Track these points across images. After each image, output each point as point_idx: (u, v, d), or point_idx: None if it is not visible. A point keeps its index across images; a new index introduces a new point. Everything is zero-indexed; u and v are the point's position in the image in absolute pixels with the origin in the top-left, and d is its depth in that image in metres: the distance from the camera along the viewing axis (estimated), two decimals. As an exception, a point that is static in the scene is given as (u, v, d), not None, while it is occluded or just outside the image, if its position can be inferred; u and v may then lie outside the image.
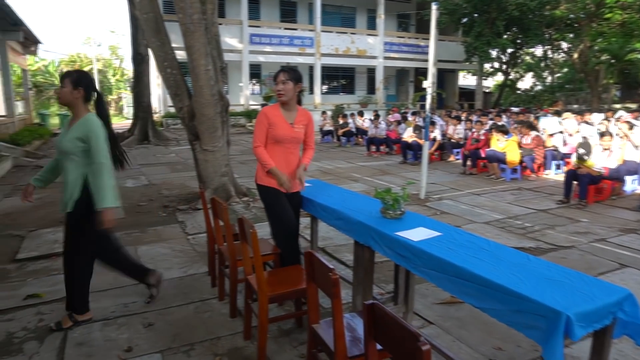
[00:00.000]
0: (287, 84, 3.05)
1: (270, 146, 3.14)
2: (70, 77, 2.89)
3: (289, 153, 3.16)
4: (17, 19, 12.64)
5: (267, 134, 3.10)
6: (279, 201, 3.13)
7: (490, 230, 5.08)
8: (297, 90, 3.11)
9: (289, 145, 3.14)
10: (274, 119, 3.09)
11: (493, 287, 1.86)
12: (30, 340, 2.84)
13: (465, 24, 22.55)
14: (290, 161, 3.17)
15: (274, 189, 3.12)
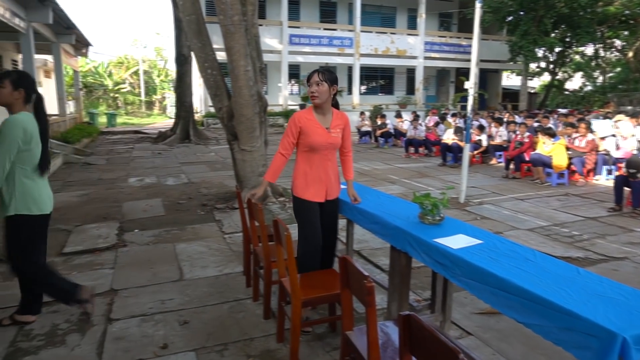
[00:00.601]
0: (321, 85, 2.87)
1: (304, 154, 2.98)
2: (10, 78, 2.77)
3: (327, 160, 2.99)
4: (70, 23, 13.28)
5: (300, 141, 2.95)
6: (309, 218, 2.98)
7: (535, 237, 4.86)
8: (332, 92, 2.93)
9: (326, 152, 2.97)
10: (308, 125, 2.92)
11: (538, 301, 1.75)
12: (72, 332, 2.94)
13: (510, 23, 21.79)
14: (328, 169, 3.00)
15: (307, 201, 2.97)
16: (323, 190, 3.01)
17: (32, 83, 2.89)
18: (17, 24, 9.76)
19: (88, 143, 14.29)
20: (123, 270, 3.97)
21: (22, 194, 2.78)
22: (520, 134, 8.80)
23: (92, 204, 6.41)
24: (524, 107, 22.77)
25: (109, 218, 5.61)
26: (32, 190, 2.82)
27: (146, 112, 33.71)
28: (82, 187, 7.61)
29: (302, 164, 3.01)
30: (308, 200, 2.98)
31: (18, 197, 2.78)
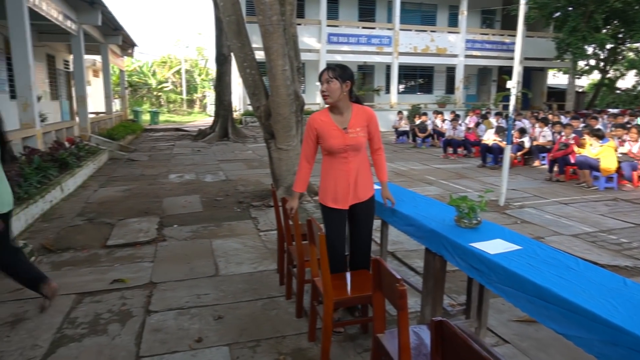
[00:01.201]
0: (332, 82, 2.68)
1: (326, 158, 2.84)
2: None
3: (347, 163, 2.79)
4: (117, 24, 13.84)
5: (319, 144, 2.82)
6: (330, 226, 2.87)
7: (579, 244, 4.65)
8: (345, 89, 2.72)
9: (345, 154, 2.77)
10: (323, 128, 2.77)
11: (580, 312, 1.67)
12: (114, 322, 3.07)
13: (558, 19, 20.90)
14: (350, 172, 2.79)
15: (329, 208, 2.87)
16: (346, 196, 2.83)
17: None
18: (68, 26, 10.26)
19: (132, 140, 14.85)
20: (162, 264, 4.10)
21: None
22: (565, 135, 8.43)
23: (134, 198, 6.66)
24: (570, 107, 21.79)
25: (150, 213, 5.81)
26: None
27: (187, 110, 34.67)
28: (125, 183, 7.91)
29: (324, 168, 2.89)
30: (330, 207, 2.87)
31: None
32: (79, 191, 7.19)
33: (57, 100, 15.72)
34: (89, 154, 9.13)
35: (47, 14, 8.60)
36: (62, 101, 16.12)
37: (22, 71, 7.33)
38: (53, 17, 9.11)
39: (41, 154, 6.90)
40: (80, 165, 7.83)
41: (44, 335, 2.89)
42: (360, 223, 2.98)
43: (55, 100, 15.64)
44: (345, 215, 2.94)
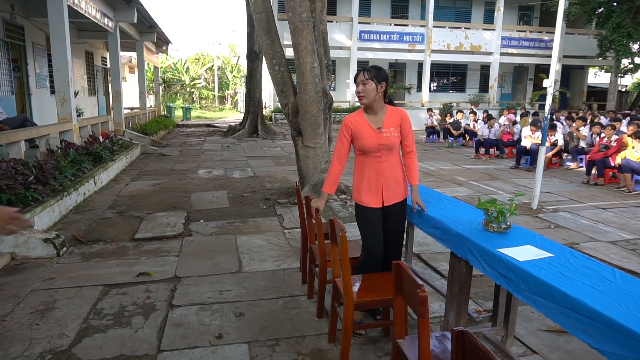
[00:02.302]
0: (367, 84, 2.73)
1: (359, 158, 2.88)
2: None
3: (380, 162, 2.81)
4: (152, 22, 14.15)
5: (354, 144, 2.85)
6: (367, 225, 2.86)
7: (617, 251, 4.42)
8: (380, 90, 2.76)
9: (379, 154, 2.80)
10: (358, 127, 2.81)
11: (615, 327, 1.56)
12: (138, 315, 3.11)
13: (601, 15, 20.02)
14: (383, 172, 2.82)
15: (364, 207, 2.85)
16: (379, 195, 2.84)
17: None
18: (106, 24, 10.55)
19: (164, 135, 15.18)
20: (187, 258, 4.15)
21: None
22: (607, 137, 8.04)
23: (163, 193, 6.78)
24: (612, 106, 20.88)
25: (177, 207, 5.90)
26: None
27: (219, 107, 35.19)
28: (156, 177, 8.07)
29: (357, 167, 2.92)
30: (365, 206, 2.86)
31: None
32: (111, 184, 7.38)
33: (94, 96, 16.25)
34: (122, 148, 9.37)
35: (85, 12, 8.87)
36: (99, 96, 16.65)
37: (60, 67, 7.58)
38: (91, 15, 9.38)
39: (76, 147, 7.13)
40: (113, 159, 8.04)
41: (71, 324, 2.96)
42: (393, 224, 2.96)
43: (93, 96, 16.17)
44: (379, 215, 2.92)
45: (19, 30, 10.44)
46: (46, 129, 7.08)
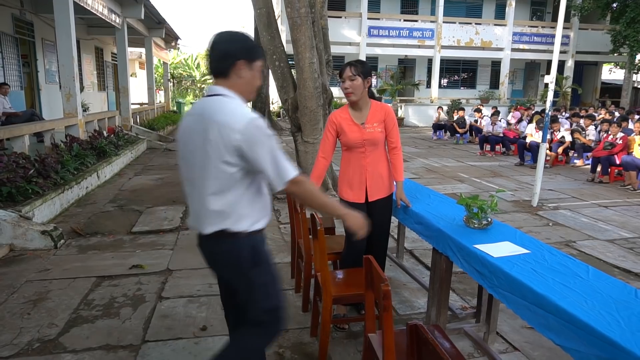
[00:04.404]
0: (355, 79, 2.69)
1: (344, 153, 2.89)
2: None
3: (364, 158, 2.81)
4: (160, 18, 14.24)
5: (339, 140, 2.86)
6: None
7: (614, 250, 4.36)
8: (366, 85, 2.75)
9: (363, 149, 2.80)
10: (342, 123, 2.81)
11: (578, 324, 1.55)
12: (127, 306, 3.17)
13: (615, 10, 19.63)
14: (366, 167, 2.81)
15: (351, 203, 2.83)
16: (362, 190, 2.85)
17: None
18: (113, 20, 10.66)
19: (172, 130, 15.31)
20: (181, 252, 4.20)
21: None
22: (612, 134, 7.91)
23: (165, 187, 6.85)
24: (626, 103, 20.50)
25: (177, 202, 5.96)
26: None
27: (229, 102, 35.28)
28: (159, 172, 8.16)
29: (343, 163, 2.93)
30: (348, 201, 2.86)
31: None
32: (114, 178, 7.48)
33: (104, 91, 16.45)
34: (128, 143, 9.48)
35: (92, 8, 8.96)
36: (109, 92, 16.85)
37: (66, 63, 7.69)
38: (98, 11, 9.48)
39: (80, 142, 7.23)
40: (117, 153, 8.15)
41: (61, 314, 3.02)
42: (378, 220, 2.93)
43: (103, 91, 16.37)
44: (363, 210, 2.89)
45: (29, 27, 10.61)
46: (51, 124, 7.20)
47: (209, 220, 1.68)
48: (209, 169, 1.65)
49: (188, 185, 1.77)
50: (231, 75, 1.72)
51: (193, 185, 1.73)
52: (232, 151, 1.60)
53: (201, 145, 1.64)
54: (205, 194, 1.67)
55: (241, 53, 1.71)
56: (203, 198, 1.67)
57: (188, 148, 1.71)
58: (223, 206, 1.67)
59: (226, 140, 1.59)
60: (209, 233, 1.69)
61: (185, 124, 1.75)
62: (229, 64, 1.71)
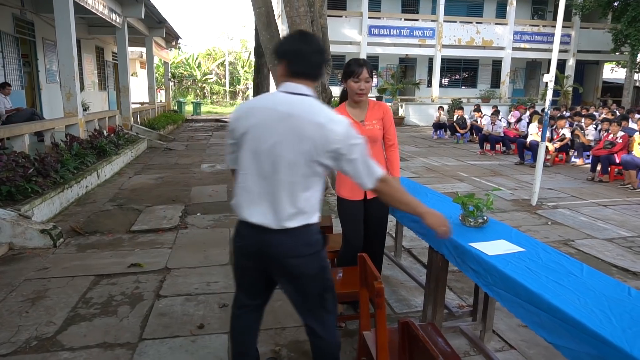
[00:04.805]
0: (370, 81, 2.71)
1: None
2: None
3: None
4: (161, 17, 14.26)
5: None
6: (347, 217, 2.88)
7: (612, 249, 4.36)
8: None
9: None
10: None
11: (570, 322, 1.55)
12: (125, 304, 3.18)
13: (616, 9, 19.58)
14: None
15: (345, 200, 2.87)
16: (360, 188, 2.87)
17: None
18: (113, 19, 10.67)
19: (173, 130, 15.33)
20: (179, 250, 4.21)
21: None
22: (612, 133, 7.90)
23: (165, 186, 6.87)
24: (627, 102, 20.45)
25: (177, 201, 5.97)
26: None
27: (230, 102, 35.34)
28: (159, 171, 8.18)
29: None
30: (346, 199, 2.88)
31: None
32: (114, 178, 7.50)
33: (105, 91, 16.48)
34: (128, 142, 9.50)
35: (92, 8, 8.98)
36: (110, 91, 16.87)
37: (66, 62, 7.70)
38: (98, 10, 9.49)
39: (80, 141, 7.25)
40: (118, 153, 8.16)
41: (59, 313, 3.04)
42: (375, 218, 2.97)
43: (104, 91, 16.40)
44: (360, 207, 2.92)
45: (29, 26, 10.63)
46: (50, 123, 7.22)
47: (292, 215, 1.72)
48: (298, 167, 1.69)
49: (258, 179, 1.74)
50: (317, 80, 1.83)
51: (267, 180, 1.72)
52: (329, 153, 1.68)
53: (292, 143, 1.67)
54: (291, 191, 1.71)
55: (326, 60, 1.87)
56: (287, 194, 1.71)
57: (266, 142, 1.70)
58: (307, 202, 1.74)
59: (325, 142, 1.66)
60: (291, 227, 1.73)
61: (260, 117, 1.73)
62: (321, 70, 1.82)
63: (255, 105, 1.81)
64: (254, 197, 1.76)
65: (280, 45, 1.86)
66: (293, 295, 1.92)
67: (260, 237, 1.77)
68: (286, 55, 1.79)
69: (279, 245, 1.77)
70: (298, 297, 1.91)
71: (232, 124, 1.81)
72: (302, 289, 1.87)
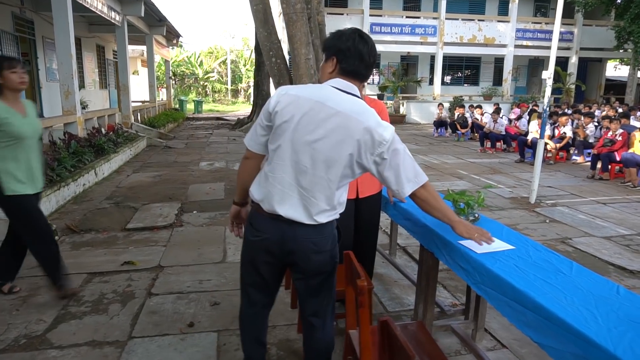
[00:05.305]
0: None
1: None
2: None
3: None
4: (161, 15, 14.25)
5: None
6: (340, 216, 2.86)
7: (610, 247, 4.31)
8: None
9: None
10: None
11: (555, 320, 1.52)
12: (116, 302, 3.16)
13: (619, 5, 19.43)
14: None
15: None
16: (353, 187, 2.82)
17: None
18: (113, 18, 10.66)
19: (173, 128, 15.33)
20: (173, 248, 4.19)
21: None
22: (612, 131, 7.84)
23: (162, 184, 6.85)
24: (630, 100, 20.32)
25: (173, 199, 5.96)
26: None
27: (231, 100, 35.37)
28: (157, 169, 8.17)
29: None
30: None
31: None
32: (112, 176, 7.50)
33: (105, 89, 16.49)
34: (127, 140, 9.49)
35: (90, 6, 8.97)
36: (111, 90, 16.88)
37: (64, 61, 7.70)
38: (97, 8, 9.49)
39: (79, 139, 7.24)
40: (116, 151, 8.16)
41: (50, 310, 3.02)
42: (367, 217, 2.95)
43: (104, 89, 16.41)
44: (351, 207, 2.89)
45: (29, 25, 10.64)
46: (49, 121, 7.22)
47: (324, 211, 1.72)
48: (338, 167, 1.67)
49: (293, 172, 1.69)
50: (365, 80, 1.81)
51: (304, 175, 1.68)
52: (373, 157, 1.67)
53: (337, 142, 1.64)
54: (327, 188, 1.69)
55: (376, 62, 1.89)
56: (322, 191, 1.69)
57: (310, 136, 1.65)
58: (338, 199, 1.76)
59: (371, 146, 1.65)
60: (322, 222, 1.73)
61: (307, 108, 1.66)
62: (371, 71, 1.81)
63: (303, 94, 1.70)
64: (286, 189, 1.70)
65: (332, 41, 1.80)
66: (307, 290, 1.90)
67: (288, 230, 1.73)
68: (340, 52, 1.75)
69: (305, 240, 1.75)
70: (312, 292, 1.90)
71: (275, 107, 1.70)
72: (317, 285, 1.87)
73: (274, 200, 1.73)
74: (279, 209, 1.72)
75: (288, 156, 1.69)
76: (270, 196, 1.74)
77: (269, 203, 1.74)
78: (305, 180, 1.69)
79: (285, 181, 1.71)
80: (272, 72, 6.46)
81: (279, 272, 1.94)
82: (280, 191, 1.72)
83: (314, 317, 1.95)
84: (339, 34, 1.82)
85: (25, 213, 3.03)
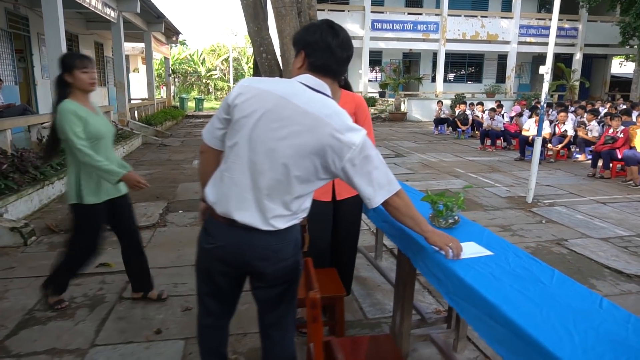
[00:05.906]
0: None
1: None
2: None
3: None
4: (159, 12, 14.13)
5: None
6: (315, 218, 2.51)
7: (607, 248, 4.14)
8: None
9: None
10: None
11: (527, 340, 1.36)
12: (84, 307, 3.03)
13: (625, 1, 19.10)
14: None
15: (316, 201, 2.49)
16: (329, 188, 2.65)
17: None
18: (108, 14, 10.54)
19: (171, 126, 15.22)
20: (153, 250, 4.06)
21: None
22: (613, 128, 7.62)
23: (152, 182, 6.63)
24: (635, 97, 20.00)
25: (160, 197, 5.84)
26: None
27: (234, 98, 35.23)
28: (150, 167, 8.05)
29: None
30: (314, 199, 2.66)
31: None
32: (102, 174, 7.37)
33: (104, 87, 16.40)
34: (121, 138, 9.38)
35: (83, 1, 8.84)
36: (110, 87, 16.80)
37: (55, 57, 7.57)
38: (91, 5, 9.36)
39: (67, 137, 7.11)
40: (108, 148, 8.03)
41: (14, 315, 2.90)
42: (346, 220, 2.78)
43: (103, 87, 16.32)
44: (329, 209, 2.73)
45: (24, 21, 10.55)
46: (36, 119, 7.10)
47: (282, 216, 1.55)
48: (300, 170, 1.50)
49: (249, 172, 1.52)
50: (339, 77, 1.65)
51: (261, 176, 1.51)
52: (341, 162, 1.49)
53: (301, 144, 1.47)
54: (286, 193, 1.53)
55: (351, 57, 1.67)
56: (280, 196, 1.53)
57: (270, 135, 1.49)
58: (300, 205, 1.60)
59: (339, 152, 1.47)
60: (280, 228, 1.56)
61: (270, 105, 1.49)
62: (345, 67, 1.66)
63: (267, 88, 1.53)
64: (242, 192, 1.53)
65: (300, 33, 1.64)
66: (267, 300, 1.75)
67: (245, 238, 1.56)
68: (307, 45, 1.58)
69: (264, 249, 1.58)
70: (272, 302, 1.75)
71: (235, 99, 1.53)
72: (279, 294, 1.72)
73: (229, 204, 1.57)
74: (234, 214, 1.55)
75: (245, 155, 1.52)
76: (224, 198, 1.58)
77: (224, 206, 1.58)
78: (263, 183, 1.52)
79: (242, 183, 1.54)
80: (263, 68, 6.31)
81: (237, 281, 1.79)
82: (237, 194, 1.55)
83: (273, 329, 1.81)
84: (308, 26, 1.66)
85: (95, 223, 2.85)
